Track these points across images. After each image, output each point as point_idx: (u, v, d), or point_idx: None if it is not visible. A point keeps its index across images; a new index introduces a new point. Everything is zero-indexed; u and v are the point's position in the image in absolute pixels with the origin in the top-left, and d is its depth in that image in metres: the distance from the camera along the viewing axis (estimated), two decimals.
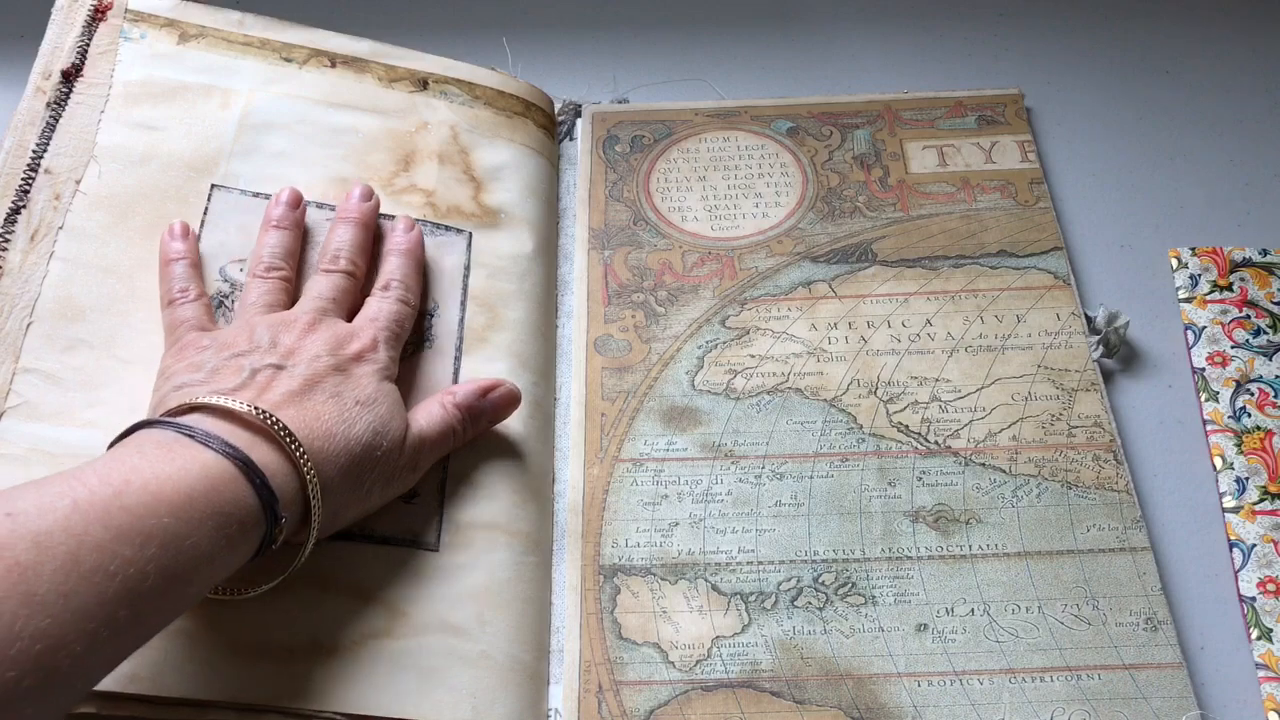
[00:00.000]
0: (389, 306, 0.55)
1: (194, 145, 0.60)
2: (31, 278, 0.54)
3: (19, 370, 0.52)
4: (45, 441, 0.50)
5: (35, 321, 0.53)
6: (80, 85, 0.60)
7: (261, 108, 0.62)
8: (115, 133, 0.59)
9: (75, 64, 0.60)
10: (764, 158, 0.70)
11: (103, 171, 0.58)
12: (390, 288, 0.56)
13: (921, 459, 0.58)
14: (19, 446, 0.50)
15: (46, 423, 0.51)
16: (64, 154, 0.58)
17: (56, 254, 0.55)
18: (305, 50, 0.65)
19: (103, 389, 0.52)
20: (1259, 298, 0.64)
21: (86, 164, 0.58)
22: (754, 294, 0.64)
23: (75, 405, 0.52)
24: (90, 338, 0.54)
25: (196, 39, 0.63)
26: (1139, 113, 0.73)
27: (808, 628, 0.53)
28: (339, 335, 0.51)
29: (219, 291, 0.56)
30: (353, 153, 0.63)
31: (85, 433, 0.51)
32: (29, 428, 0.51)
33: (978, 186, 0.68)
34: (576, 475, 0.58)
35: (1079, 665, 0.52)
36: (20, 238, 0.55)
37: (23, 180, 0.56)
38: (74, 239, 0.56)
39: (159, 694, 0.45)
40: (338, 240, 0.57)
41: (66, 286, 0.55)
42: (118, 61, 0.61)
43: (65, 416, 0.51)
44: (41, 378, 0.52)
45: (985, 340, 0.62)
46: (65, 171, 0.57)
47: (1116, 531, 0.55)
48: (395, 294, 0.56)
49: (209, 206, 0.59)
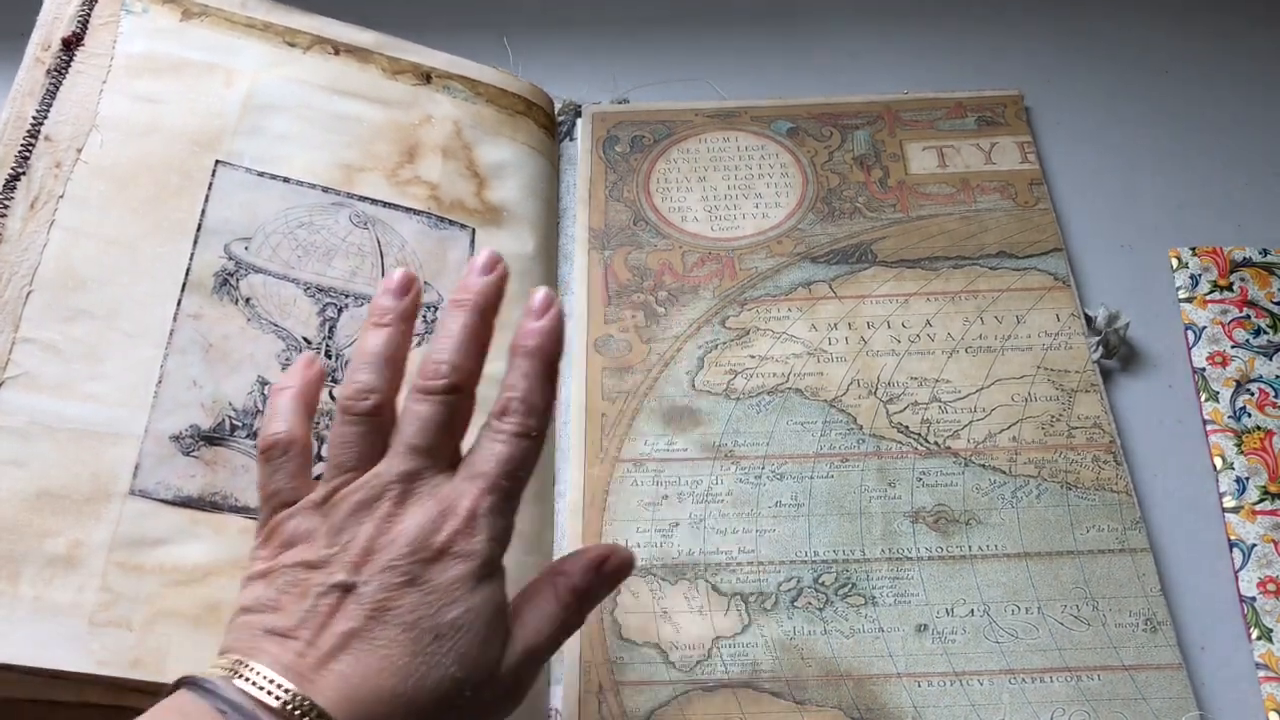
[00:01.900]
0: (501, 448, 0.43)
1: (198, 120, 0.60)
2: (31, 245, 0.53)
3: (19, 339, 0.51)
4: (45, 415, 0.50)
5: (35, 290, 0.52)
6: (81, 54, 0.59)
7: (265, 88, 0.62)
8: (117, 103, 0.59)
9: (76, 32, 0.59)
10: (764, 158, 0.70)
11: (104, 141, 0.57)
12: (508, 413, 0.43)
13: (921, 460, 0.58)
14: (18, 419, 0.49)
15: (47, 395, 0.50)
16: (65, 121, 0.57)
17: (57, 222, 0.54)
18: (308, 36, 0.65)
19: (105, 362, 0.52)
20: (1259, 298, 0.64)
21: (88, 133, 0.57)
22: (754, 294, 0.64)
23: (77, 377, 0.51)
24: (92, 308, 0.53)
25: (199, 17, 0.63)
26: (1139, 113, 0.73)
27: (808, 628, 0.53)
28: (427, 519, 0.41)
29: (223, 269, 0.56)
30: (357, 140, 0.63)
31: (86, 406, 0.50)
32: (29, 399, 0.50)
33: (977, 187, 0.68)
34: (577, 475, 0.58)
35: (1079, 666, 0.52)
36: (20, 205, 0.54)
37: (22, 147, 0.55)
38: (75, 208, 0.55)
39: (162, 681, 0.45)
40: (443, 339, 0.44)
41: (67, 255, 0.54)
42: (119, 33, 0.61)
43: (66, 389, 0.51)
44: (42, 348, 0.51)
45: (985, 341, 0.62)
46: (66, 139, 0.57)
47: (1116, 532, 0.55)
48: (512, 425, 0.43)
49: (213, 182, 0.58)
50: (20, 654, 0.44)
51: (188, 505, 0.50)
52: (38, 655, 0.45)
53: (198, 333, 0.54)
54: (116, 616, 0.46)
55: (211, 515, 0.50)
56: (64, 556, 0.47)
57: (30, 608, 0.46)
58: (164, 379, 0.52)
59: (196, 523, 0.50)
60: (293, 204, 0.59)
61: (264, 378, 0.54)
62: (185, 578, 0.48)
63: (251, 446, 0.52)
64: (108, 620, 0.46)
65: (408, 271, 0.47)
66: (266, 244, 0.58)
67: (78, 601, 0.46)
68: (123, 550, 0.48)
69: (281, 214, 0.59)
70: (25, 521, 0.47)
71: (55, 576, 0.47)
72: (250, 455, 0.52)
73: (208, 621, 0.47)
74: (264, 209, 0.58)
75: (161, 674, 0.46)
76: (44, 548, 0.47)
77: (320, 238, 0.59)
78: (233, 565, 0.49)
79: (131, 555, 0.48)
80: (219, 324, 0.55)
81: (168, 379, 0.52)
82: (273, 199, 0.59)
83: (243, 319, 0.55)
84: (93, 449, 0.50)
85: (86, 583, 0.47)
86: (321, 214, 0.59)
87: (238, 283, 0.56)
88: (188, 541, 0.49)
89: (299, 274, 0.57)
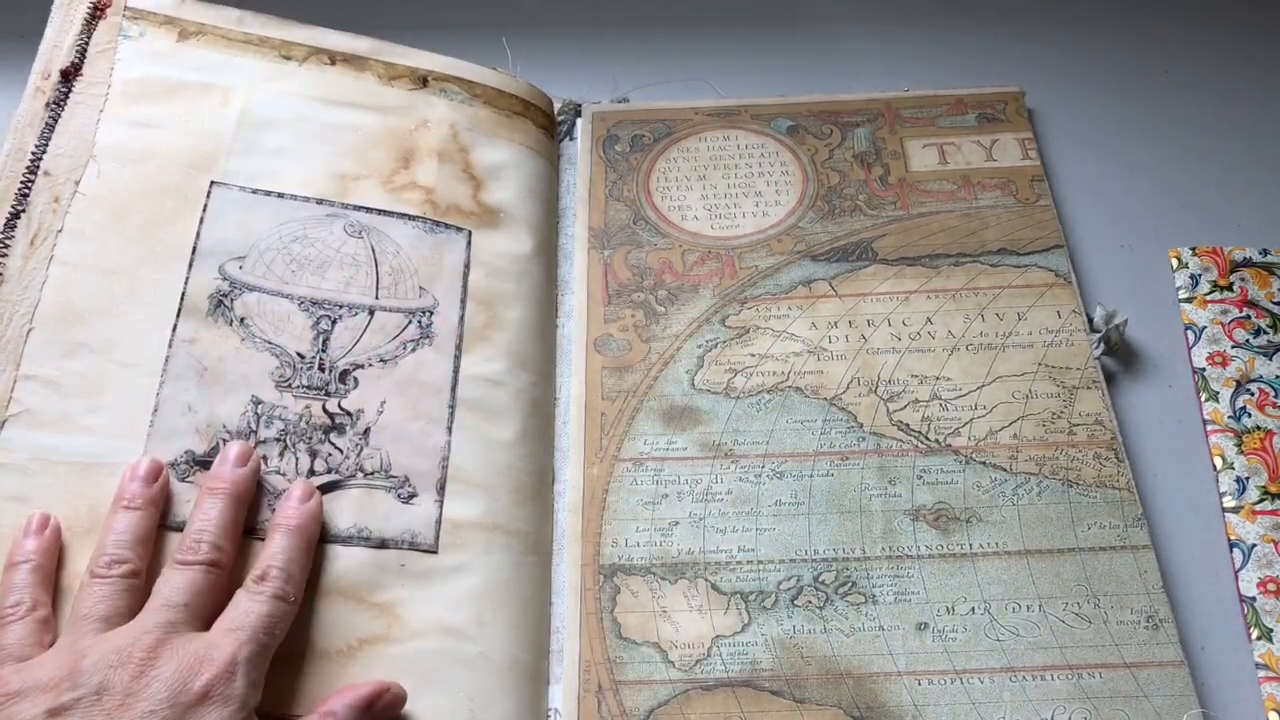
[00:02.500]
0: (259, 607, 0.45)
1: (193, 143, 0.60)
2: (31, 283, 0.54)
3: (20, 377, 0.52)
4: (46, 450, 0.50)
5: (35, 327, 0.53)
6: (79, 84, 0.60)
7: (261, 105, 0.62)
8: (114, 131, 0.59)
9: (75, 63, 0.60)
10: (764, 156, 0.70)
11: (101, 171, 0.58)
12: (267, 578, 0.46)
13: (922, 457, 0.58)
14: (20, 456, 0.50)
15: (47, 430, 0.51)
16: (63, 155, 0.58)
17: (56, 257, 0.55)
18: (304, 48, 0.65)
19: (103, 394, 0.52)
20: (1259, 298, 0.63)
21: (85, 164, 0.58)
22: (754, 293, 0.64)
23: (75, 411, 0.52)
24: (90, 341, 0.53)
25: (196, 36, 0.63)
26: (1140, 112, 0.73)
27: (808, 627, 0.53)
28: (185, 665, 0.42)
29: (218, 290, 0.56)
30: (352, 150, 0.63)
31: (85, 440, 0.51)
32: (30, 436, 0.51)
33: (978, 184, 0.68)
34: (576, 475, 0.58)
35: (1080, 664, 0.52)
36: (20, 243, 0.55)
37: (22, 183, 0.56)
38: (73, 241, 0.56)
39: None
40: (200, 520, 0.48)
41: (66, 290, 0.54)
42: (117, 60, 0.61)
43: (66, 423, 0.51)
44: (42, 384, 0.52)
45: (986, 338, 0.62)
46: (64, 173, 0.57)
47: (1117, 529, 0.55)
48: (271, 588, 0.46)
49: (208, 203, 0.59)
50: None
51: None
52: None
53: (192, 357, 0.54)
54: None
55: None
56: (66, 589, 0.48)
57: None
58: (159, 407, 0.53)
59: None
60: (287, 218, 0.59)
61: (258, 397, 0.54)
62: None
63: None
64: None
65: (155, 460, 0.50)
66: (261, 261, 0.58)
67: None
68: None
69: (275, 229, 0.59)
70: None
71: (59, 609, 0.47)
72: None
73: None
74: (258, 226, 0.59)
75: None
76: None
77: (314, 250, 0.58)
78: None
79: None
80: (213, 346, 0.55)
81: (163, 407, 0.53)
82: (267, 215, 0.59)
83: (237, 339, 0.55)
84: (92, 481, 0.50)
85: None
86: (315, 226, 0.59)
87: (232, 303, 0.56)
88: None
89: (293, 289, 0.57)
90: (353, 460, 0.53)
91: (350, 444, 0.54)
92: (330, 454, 0.53)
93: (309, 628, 0.49)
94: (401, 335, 0.57)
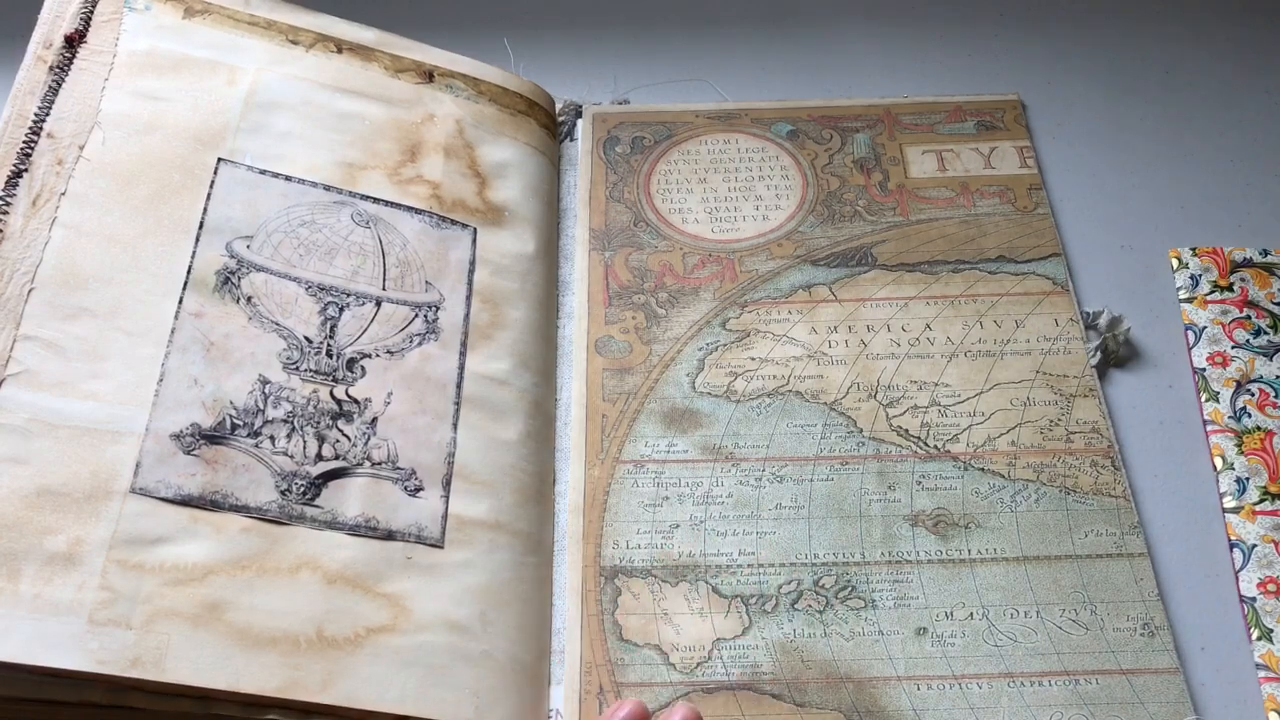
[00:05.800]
0: None
1: (200, 118, 0.60)
2: (33, 243, 0.53)
3: (20, 337, 0.51)
4: (46, 412, 0.50)
5: (37, 288, 0.52)
6: (84, 51, 0.59)
7: (268, 87, 0.62)
8: (120, 100, 0.59)
9: (79, 29, 0.59)
10: (764, 160, 0.70)
11: (107, 138, 0.57)
12: None
13: (921, 463, 0.58)
14: (19, 416, 0.49)
15: (48, 392, 0.50)
16: (67, 119, 0.57)
17: (59, 220, 0.54)
18: (311, 34, 0.65)
19: (106, 360, 0.52)
20: (1259, 298, 0.64)
21: (90, 130, 0.57)
22: (754, 297, 0.64)
23: (77, 375, 0.51)
24: (93, 306, 0.53)
25: (202, 15, 0.63)
26: (1138, 114, 0.74)
27: (808, 630, 0.53)
28: None
29: (224, 267, 0.56)
30: (359, 139, 0.63)
31: (87, 405, 0.50)
32: (30, 397, 0.50)
33: (977, 191, 0.68)
34: (577, 476, 0.58)
35: (1077, 670, 0.52)
36: (21, 202, 0.54)
37: (24, 144, 0.55)
38: (77, 205, 0.55)
39: (161, 681, 0.45)
40: None
41: (69, 253, 0.54)
42: (122, 31, 0.61)
43: (67, 387, 0.51)
44: (43, 345, 0.51)
45: (984, 345, 0.62)
46: (68, 136, 0.56)
47: (1114, 537, 0.56)
48: None
49: (215, 180, 0.58)
50: (20, 653, 0.44)
51: (188, 504, 0.50)
52: (37, 654, 0.44)
53: (199, 331, 0.54)
54: (116, 615, 0.46)
55: (212, 514, 0.50)
56: (64, 554, 0.47)
57: (30, 606, 0.45)
58: (165, 377, 0.52)
59: (197, 521, 0.50)
60: (295, 202, 0.59)
61: (265, 376, 0.54)
62: (185, 576, 0.48)
63: (253, 445, 0.52)
64: (107, 619, 0.46)
65: (638, 704, 0.49)
66: (268, 242, 0.57)
67: (77, 600, 0.46)
68: (122, 548, 0.48)
69: (283, 212, 0.59)
70: (25, 519, 0.47)
71: (55, 574, 0.46)
72: (252, 454, 0.52)
73: (207, 621, 0.47)
74: (266, 207, 0.58)
75: (160, 673, 0.45)
76: (44, 545, 0.47)
77: (322, 236, 0.58)
78: (233, 564, 0.49)
79: (131, 554, 0.48)
80: (220, 323, 0.54)
81: (169, 377, 0.52)
82: (274, 197, 0.59)
83: (244, 318, 0.55)
84: (93, 447, 0.49)
85: (86, 581, 0.47)
86: (323, 212, 0.59)
87: (239, 281, 0.56)
88: (188, 540, 0.49)
89: (300, 272, 0.57)
90: (360, 449, 0.53)
91: (358, 432, 0.54)
92: (338, 440, 0.53)
93: (317, 615, 0.48)
94: (408, 328, 0.57)
